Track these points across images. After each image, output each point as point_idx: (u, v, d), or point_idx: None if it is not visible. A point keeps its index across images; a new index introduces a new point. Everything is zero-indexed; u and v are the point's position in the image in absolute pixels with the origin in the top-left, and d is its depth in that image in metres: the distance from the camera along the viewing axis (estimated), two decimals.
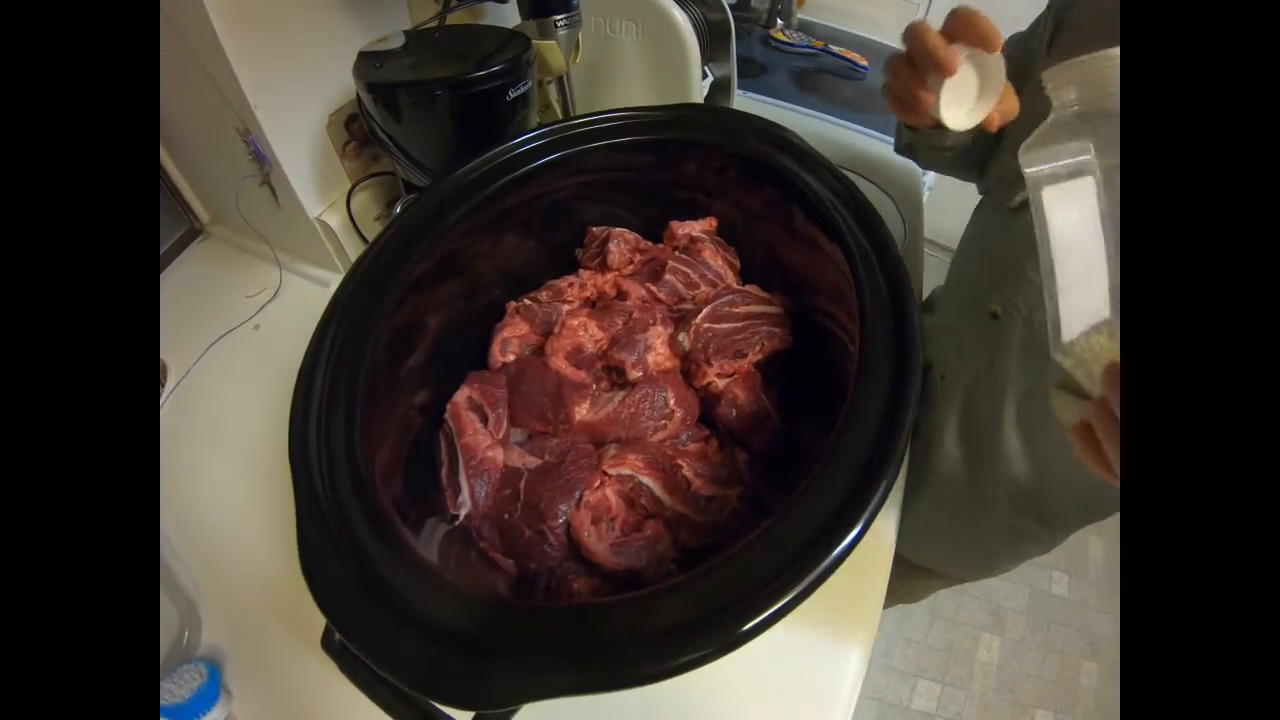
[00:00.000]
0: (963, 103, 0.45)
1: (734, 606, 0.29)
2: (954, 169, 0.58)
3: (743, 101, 0.87)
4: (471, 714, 0.34)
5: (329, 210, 0.70)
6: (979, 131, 0.46)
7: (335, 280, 0.75)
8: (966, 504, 0.57)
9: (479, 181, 0.46)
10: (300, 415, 0.37)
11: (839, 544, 0.30)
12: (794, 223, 0.49)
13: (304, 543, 0.33)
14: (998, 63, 0.43)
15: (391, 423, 0.42)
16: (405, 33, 0.60)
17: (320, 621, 0.49)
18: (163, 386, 0.71)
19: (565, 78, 0.72)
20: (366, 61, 0.57)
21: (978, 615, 1.50)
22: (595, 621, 0.31)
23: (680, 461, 0.44)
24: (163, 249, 0.83)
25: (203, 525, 0.61)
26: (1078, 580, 1.57)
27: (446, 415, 0.45)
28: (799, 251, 0.49)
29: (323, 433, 0.36)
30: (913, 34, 0.42)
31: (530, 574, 0.42)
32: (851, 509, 0.30)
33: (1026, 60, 0.50)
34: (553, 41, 0.64)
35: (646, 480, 0.44)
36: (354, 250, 0.72)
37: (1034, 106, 0.45)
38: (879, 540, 0.53)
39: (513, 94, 0.53)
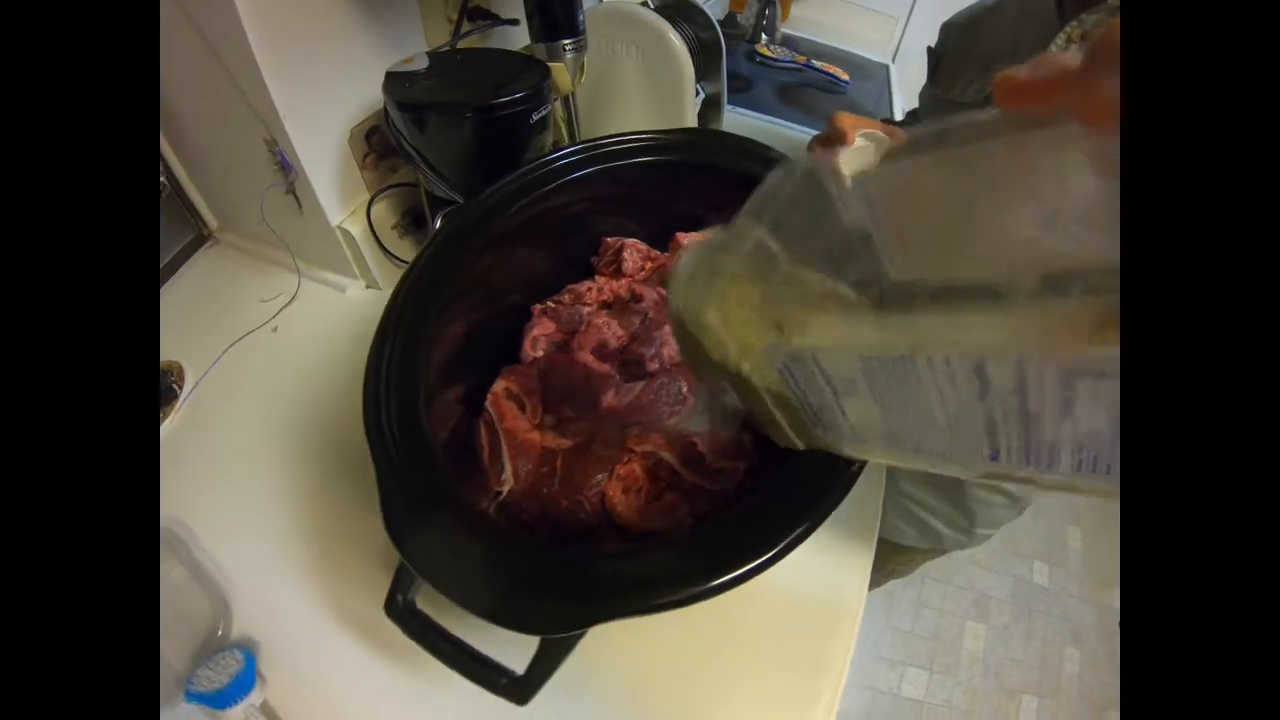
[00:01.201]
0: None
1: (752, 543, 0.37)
2: None
3: (730, 115, 0.93)
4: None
5: (349, 219, 0.74)
6: None
7: (352, 286, 0.80)
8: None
9: (513, 195, 0.52)
10: (372, 405, 0.41)
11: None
12: None
13: (388, 512, 0.38)
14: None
15: (437, 414, 0.47)
16: (428, 54, 0.65)
17: (355, 605, 0.55)
18: (179, 388, 0.74)
19: (571, 97, 0.77)
20: (396, 81, 0.62)
21: (963, 604, 1.57)
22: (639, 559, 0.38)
23: (694, 440, 0.50)
24: (170, 254, 0.86)
25: (229, 521, 0.64)
26: (1058, 570, 1.64)
27: (487, 404, 0.50)
28: None
29: (390, 419, 0.41)
30: (830, 119, 0.53)
31: (566, 539, 0.48)
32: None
33: None
34: (561, 64, 0.69)
35: (667, 456, 0.49)
36: (372, 257, 0.76)
37: None
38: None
39: (535, 117, 0.59)
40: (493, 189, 0.52)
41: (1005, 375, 0.20)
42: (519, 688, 0.39)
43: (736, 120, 0.93)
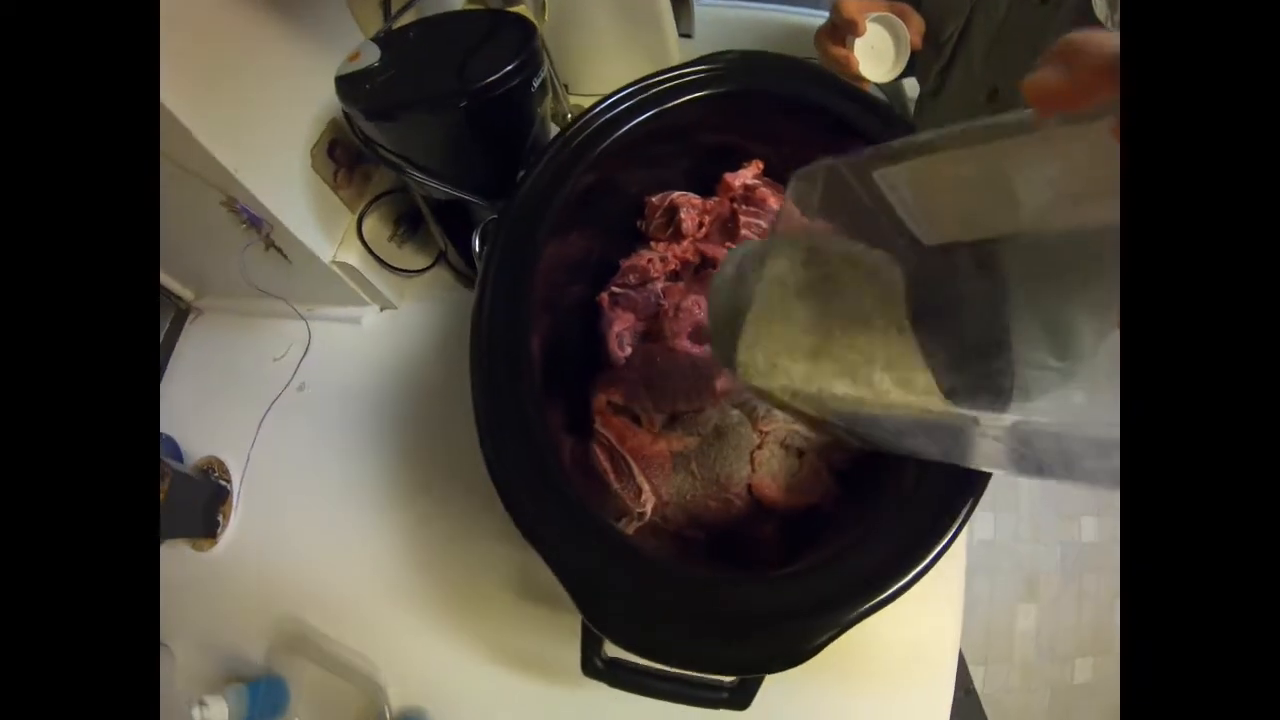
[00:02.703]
0: (883, 60, 0.58)
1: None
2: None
3: (713, 9, 0.84)
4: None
5: (342, 248, 0.66)
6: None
7: (366, 314, 0.73)
8: None
9: (556, 177, 0.45)
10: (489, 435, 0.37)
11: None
12: (837, 150, 0.50)
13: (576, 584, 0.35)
14: (906, 24, 0.55)
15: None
16: (375, 42, 0.56)
17: (503, 639, 0.57)
18: (228, 483, 0.70)
19: (540, 40, 0.68)
20: (353, 85, 0.53)
21: None
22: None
23: None
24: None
25: (344, 601, 0.63)
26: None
27: (598, 427, 0.46)
28: None
29: (524, 471, 0.37)
30: (834, 5, 0.51)
31: (721, 536, 0.45)
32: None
33: None
34: (521, 5, 0.61)
35: (795, 427, 0.46)
36: (377, 279, 0.69)
37: None
38: None
39: (535, 83, 0.51)
40: (527, 190, 0.45)
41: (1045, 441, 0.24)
42: (739, 696, 0.39)
43: (724, 14, 0.83)
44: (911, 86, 0.73)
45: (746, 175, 0.53)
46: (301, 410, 0.71)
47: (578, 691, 0.55)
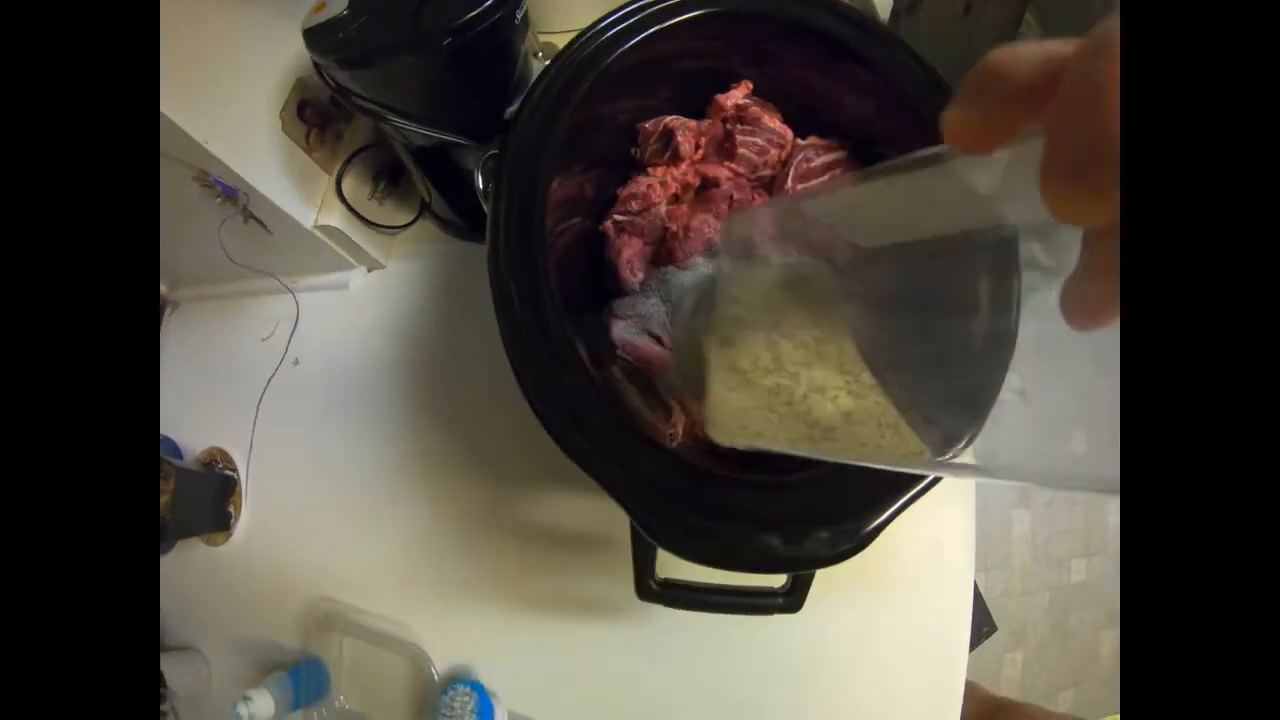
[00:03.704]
0: None
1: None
2: None
3: None
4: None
5: (322, 211, 0.64)
6: None
7: (354, 277, 0.71)
8: None
9: (553, 106, 0.44)
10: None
11: None
12: (828, 67, 0.50)
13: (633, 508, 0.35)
14: None
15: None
16: None
17: (535, 588, 0.58)
18: (235, 473, 0.68)
19: None
20: (323, 37, 0.51)
21: None
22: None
23: None
24: None
25: (372, 570, 0.62)
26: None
27: (621, 352, 0.46)
28: (838, 94, 0.52)
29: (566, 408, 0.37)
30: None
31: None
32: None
33: None
34: None
35: None
36: (362, 239, 0.67)
37: None
38: None
39: (519, 16, 0.49)
40: (523, 124, 0.44)
41: None
42: (792, 598, 0.40)
43: None
44: (884, 5, 0.73)
45: (737, 95, 0.52)
46: (299, 386, 0.69)
47: (623, 624, 0.55)
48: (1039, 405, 0.24)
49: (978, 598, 1.34)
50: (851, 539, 0.36)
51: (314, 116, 0.64)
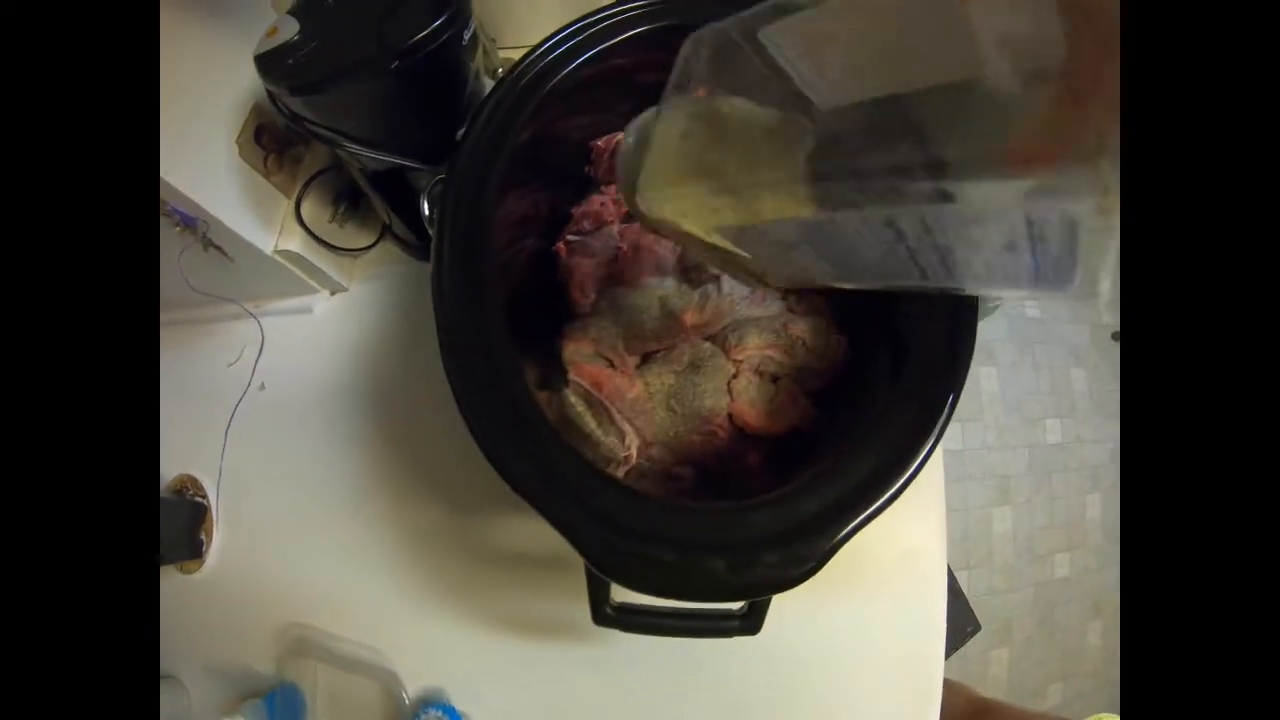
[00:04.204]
0: None
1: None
2: None
3: None
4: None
5: (282, 236, 0.64)
6: None
7: (317, 301, 0.71)
8: None
9: (496, 134, 0.44)
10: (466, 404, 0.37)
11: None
12: None
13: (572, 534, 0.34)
14: None
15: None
16: (291, 14, 0.53)
17: (502, 608, 0.57)
18: (205, 499, 0.68)
19: None
20: (275, 63, 0.50)
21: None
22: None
23: (788, 326, 0.47)
24: None
25: (342, 596, 0.62)
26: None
27: (573, 376, 0.45)
28: None
29: (503, 436, 0.37)
30: None
31: (710, 469, 0.45)
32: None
33: None
34: None
35: (769, 353, 0.47)
36: (324, 262, 0.67)
37: None
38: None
39: (466, 36, 0.49)
40: (469, 148, 0.44)
41: (912, 222, 0.24)
42: (750, 621, 0.40)
43: None
44: None
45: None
46: (266, 411, 0.69)
47: (590, 644, 0.55)
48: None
49: (960, 597, 1.35)
50: (801, 563, 0.36)
51: (272, 141, 0.64)
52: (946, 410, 0.38)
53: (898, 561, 0.56)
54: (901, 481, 0.37)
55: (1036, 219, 0.21)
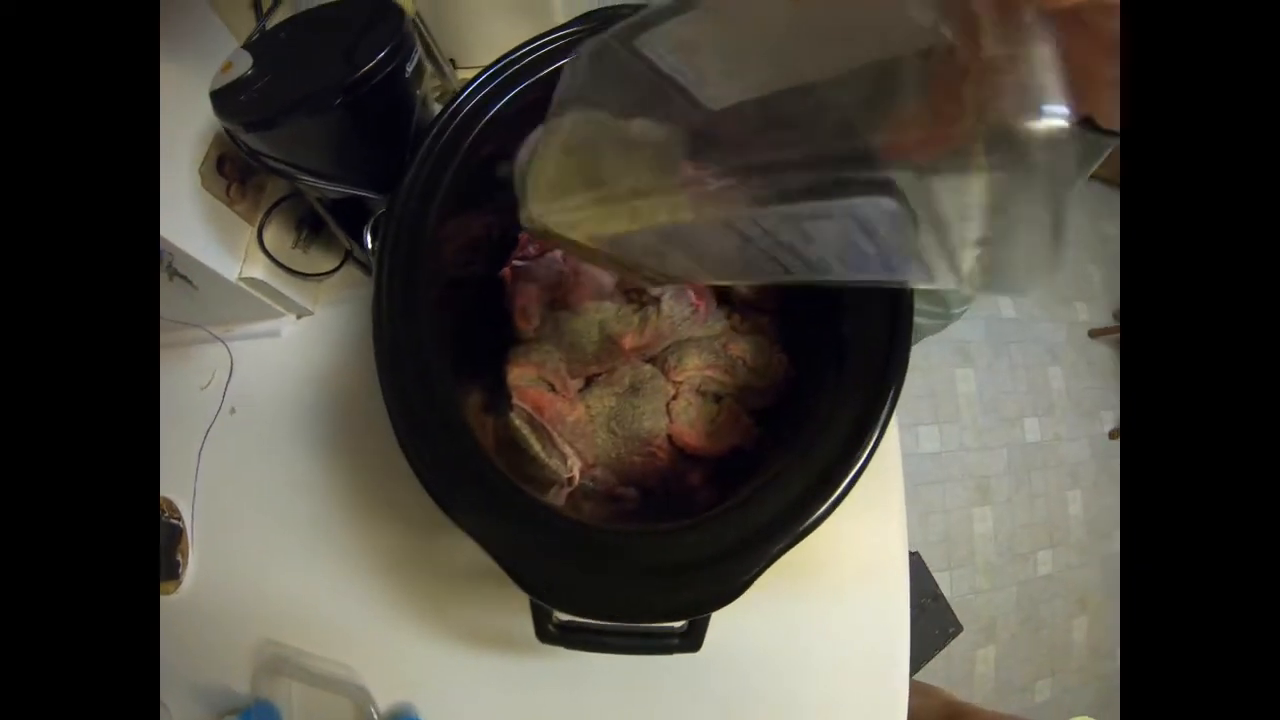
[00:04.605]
0: None
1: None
2: None
3: None
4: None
5: (246, 263, 0.65)
6: None
7: (284, 324, 0.72)
8: None
9: (434, 170, 0.45)
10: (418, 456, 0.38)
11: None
12: None
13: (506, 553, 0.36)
14: None
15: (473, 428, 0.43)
16: (246, 49, 0.55)
17: (470, 635, 0.57)
18: (180, 521, 0.69)
19: (417, 18, 0.66)
20: (227, 99, 0.52)
21: (946, 356, 1.66)
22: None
23: (728, 346, 0.48)
24: None
25: (314, 613, 0.63)
26: (1020, 299, 1.74)
27: (515, 400, 0.47)
28: None
29: (438, 457, 0.38)
30: None
31: (652, 490, 0.46)
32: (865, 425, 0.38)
33: None
34: None
35: (709, 373, 0.48)
36: (288, 288, 0.68)
37: None
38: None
39: (409, 68, 0.50)
40: (407, 183, 0.45)
41: (752, 227, 0.25)
42: (690, 639, 0.40)
43: None
44: None
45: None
46: (237, 433, 0.70)
47: (554, 657, 0.55)
48: None
49: (940, 599, 1.36)
50: (733, 581, 0.36)
51: (234, 170, 0.65)
52: (887, 407, 0.38)
53: (859, 565, 0.56)
54: (834, 498, 0.38)
55: (860, 215, 0.22)
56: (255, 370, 0.72)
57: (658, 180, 0.26)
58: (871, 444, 0.39)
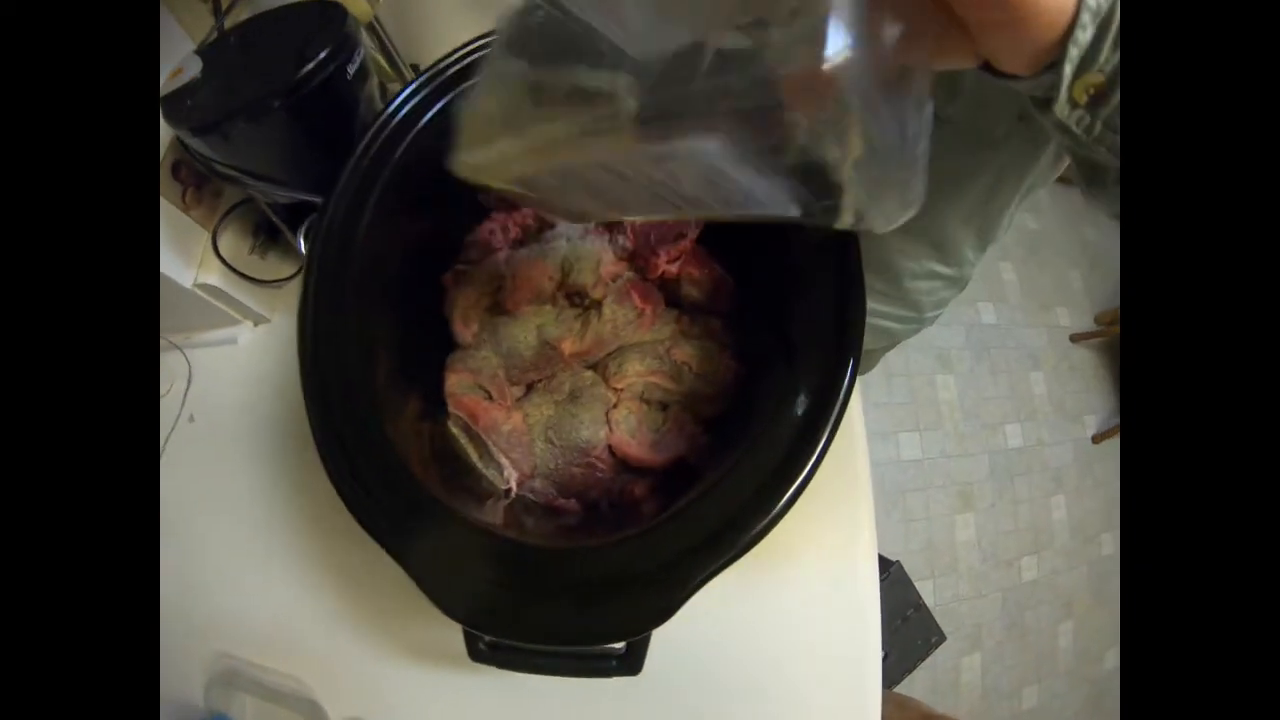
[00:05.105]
0: None
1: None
2: None
3: None
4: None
5: (201, 270, 0.64)
6: None
7: (241, 332, 0.71)
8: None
9: (365, 180, 0.44)
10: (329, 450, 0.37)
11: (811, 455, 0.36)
12: None
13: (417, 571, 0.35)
14: None
15: (405, 433, 0.43)
16: (198, 54, 0.54)
17: (421, 649, 0.56)
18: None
19: (376, 23, 0.66)
20: (176, 105, 0.51)
21: (927, 362, 1.65)
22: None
23: (672, 351, 0.47)
24: None
25: (272, 628, 0.62)
26: (1001, 305, 1.73)
27: (451, 408, 0.46)
28: None
29: (357, 466, 0.37)
30: None
31: (594, 502, 0.45)
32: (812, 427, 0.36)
33: None
34: None
35: (652, 380, 0.47)
36: (244, 295, 0.67)
37: None
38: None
39: (351, 70, 0.50)
40: (340, 187, 0.44)
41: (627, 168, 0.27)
42: (628, 662, 0.39)
43: None
44: None
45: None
46: (196, 443, 0.69)
47: (498, 673, 0.55)
48: None
49: (922, 609, 1.34)
50: (664, 600, 0.34)
51: (189, 175, 0.64)
52: (837, 406, 0.37)
53: (825, 572, 0.55)
54: (783, 502, 0.36)
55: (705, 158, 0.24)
56: (213, 379, 0.71)
57: (562, 126, 0.28)
58: (821, 445, 0.37)
